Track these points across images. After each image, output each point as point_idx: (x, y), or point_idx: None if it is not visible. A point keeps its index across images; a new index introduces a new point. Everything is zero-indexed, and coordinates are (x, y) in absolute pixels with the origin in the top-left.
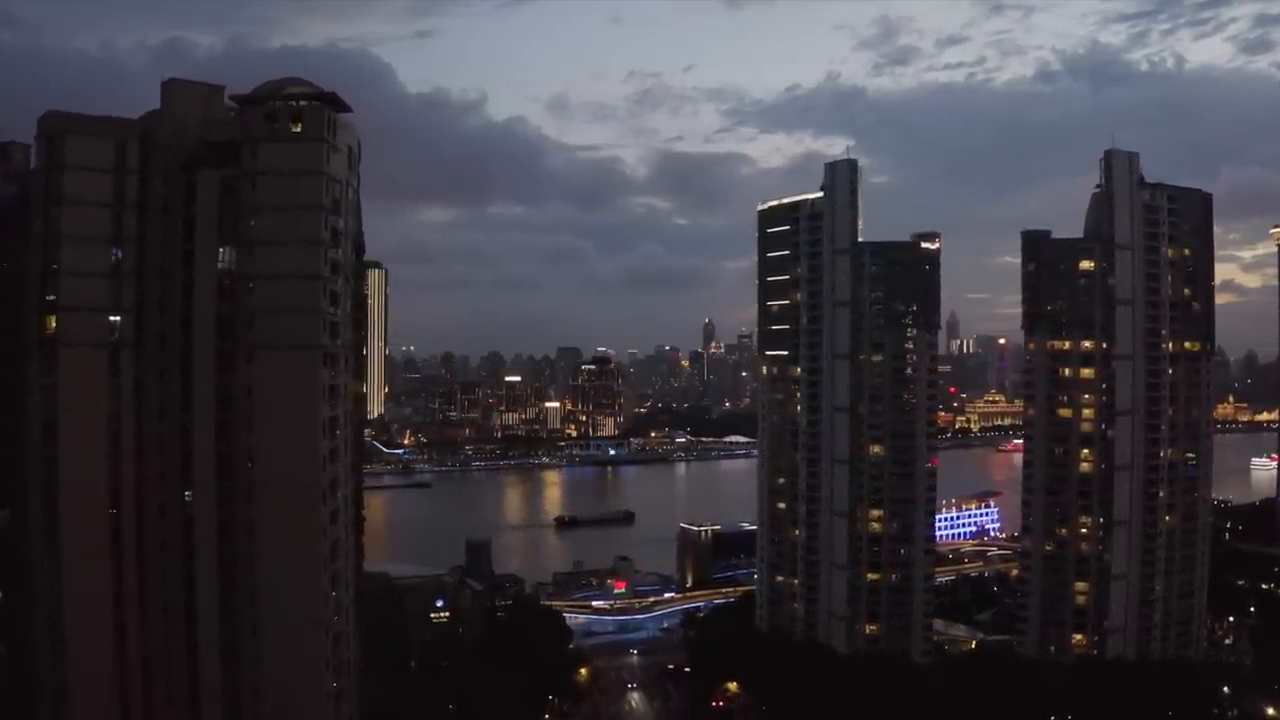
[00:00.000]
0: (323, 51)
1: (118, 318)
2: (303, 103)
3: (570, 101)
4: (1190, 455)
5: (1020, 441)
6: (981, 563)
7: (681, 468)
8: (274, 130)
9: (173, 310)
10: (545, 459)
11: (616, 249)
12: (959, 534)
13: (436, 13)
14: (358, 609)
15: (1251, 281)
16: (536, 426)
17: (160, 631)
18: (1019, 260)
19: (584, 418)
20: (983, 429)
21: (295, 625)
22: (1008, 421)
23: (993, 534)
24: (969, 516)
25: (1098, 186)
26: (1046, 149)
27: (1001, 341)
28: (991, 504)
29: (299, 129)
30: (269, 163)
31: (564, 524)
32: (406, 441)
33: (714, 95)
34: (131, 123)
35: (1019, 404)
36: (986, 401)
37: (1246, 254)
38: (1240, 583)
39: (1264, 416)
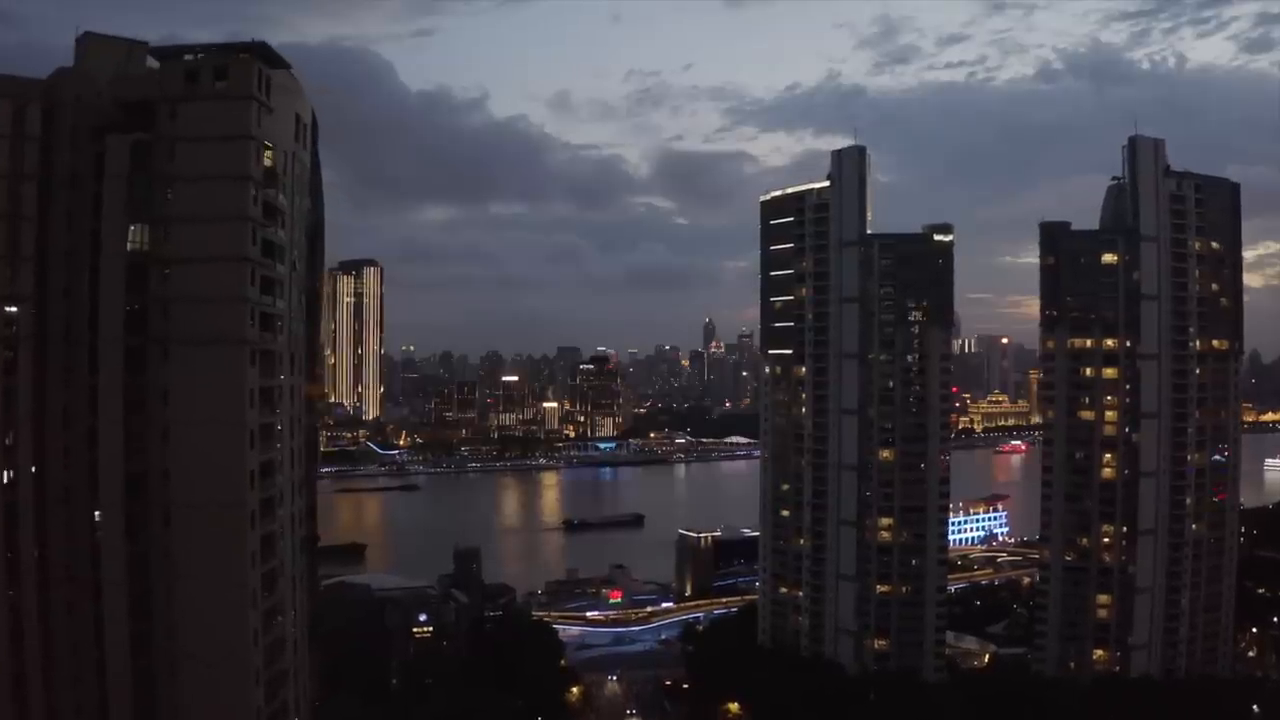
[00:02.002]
0: (323, 49)
1: (14, 308)
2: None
3: (572, 100)
4: (1219, 459)
5: (1019, 442)
6: (992, 570)
7: (681, 469)
8: (195, 89)
9: (79, 300)
10: (542, 460)
11: (617, 248)
12: (967, 539)
13: (437, 11)
14: (312, 641)
15: (1253, 281)
16: (534, 427)
17: (68, 676)
18: (1020, 260)
19: (582, 418)
20: (986, 430)
21: (217, 672)
22: (1011, 422)
23: (1001, 538)
24: (977, 520)
25: (1114, 179)
26: (1048, 148)
27: (1004, 341)
28: (999, 507)
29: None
30: (188, 126)
31: (572, 527)
32: (402, 442)
33: (714, 94)
34: (34, 82)
35: (1022, 404)
36: (990, 402)
37: (1249, 254)
38: (1260, 591)
39: (1269, 417)
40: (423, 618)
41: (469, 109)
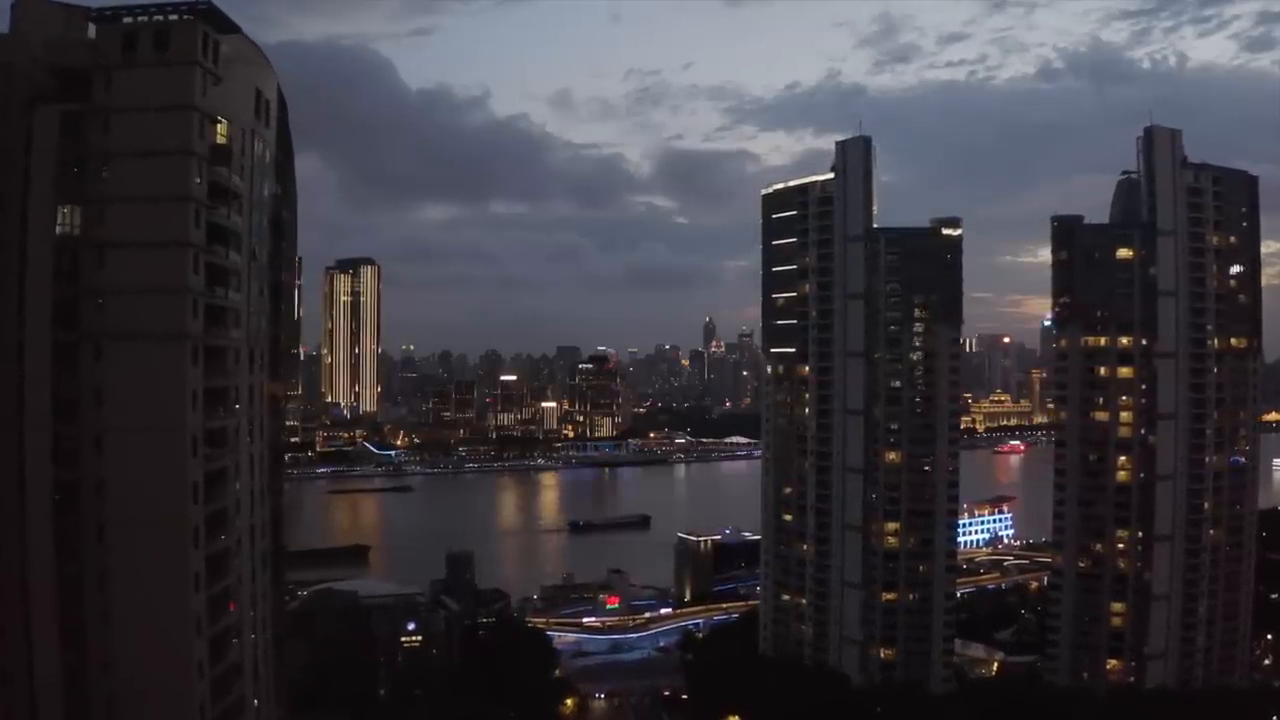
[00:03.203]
0: (322, 47)
1: None
2: (171, 16)
3: (572, 99)
4: (1239, 461)
5: (1018, 442)
6: (999, 574)
7: (681, 469)
8: (133, 56)
9: (8, 291)
10: (541, 460)
11: (617, 247)
12: (972, 541)
13: (436, 10)
14: (279, 662)
15: None
16: (533, 427)
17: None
18: (1021, 259)
19: (581, 418)
20: (988, 429)
21: (157, 708)
22: (1014, 422)
23: (1007, 541)
24: (982, 523)
25: (1124, 173)
26: (1048, 148)
27: (1006, 340)
28: (1005, 509)
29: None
30: (125, 95)
31: (577, 528)
32: (399, 442)
33: (714, 93)
34: None
35: (1024, 404)
36: (992, 401)
37: None
38: (1274, 596)
39: (1271, 416)
40: (411, 626)
41: (469, 107)
